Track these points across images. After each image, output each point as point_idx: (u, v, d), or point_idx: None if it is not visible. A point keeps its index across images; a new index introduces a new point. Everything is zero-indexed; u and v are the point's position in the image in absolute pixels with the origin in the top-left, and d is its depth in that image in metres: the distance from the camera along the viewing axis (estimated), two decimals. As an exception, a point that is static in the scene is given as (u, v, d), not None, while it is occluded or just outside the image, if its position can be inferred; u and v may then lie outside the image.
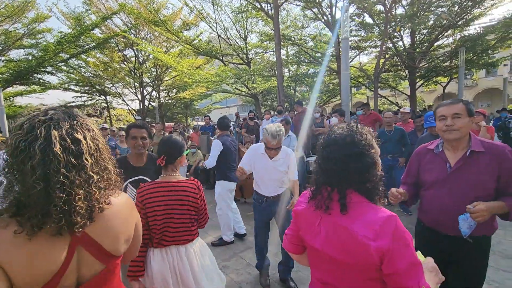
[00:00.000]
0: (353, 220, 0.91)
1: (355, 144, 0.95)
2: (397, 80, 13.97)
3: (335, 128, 1.03)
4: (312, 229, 1.02)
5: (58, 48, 9.87)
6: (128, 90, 16.82)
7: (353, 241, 0.88)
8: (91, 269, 0.84)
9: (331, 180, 0.98)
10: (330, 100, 17.03)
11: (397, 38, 11.75)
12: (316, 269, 1.08)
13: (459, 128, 1.48)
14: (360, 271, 0.91)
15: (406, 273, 0.85)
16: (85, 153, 0.79)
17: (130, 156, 2.17)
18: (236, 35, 12.58)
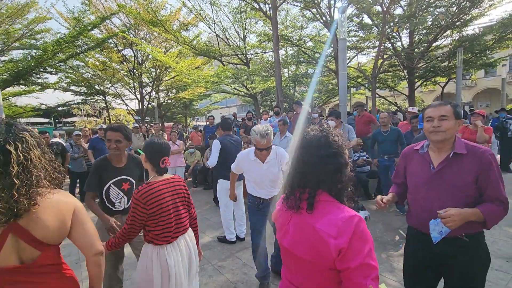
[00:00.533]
0: (319, 218, 0.93)
1: (329, 145, 0.97)
2: (395, 80, 13.97)
3: (309, 129, 1.04)
4: (283, 229, 1.05)
5: (57, 48, 9.88)
6: (127, 90, 16.85)
7: (316, 238, 0.91)
8: (28, 253, 1.01)
9: (304, 181, 0.99)
10: (329, 100, 17.05)
11: (395, 39, 11.76)
12: (286, 268, 1.10)
13: (445, 130, 1.48)
14: (321, 269, 0.93)
15: (357, 270, 0.87)
16: (12, 162, 0.93)
17: (110, 156, 2.24)
18: (235, 35, 12.59)
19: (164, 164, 1.76)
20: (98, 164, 2.22)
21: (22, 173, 0.96)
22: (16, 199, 0.93)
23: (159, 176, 1.77)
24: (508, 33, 9.73)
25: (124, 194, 2.26)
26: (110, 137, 2.15)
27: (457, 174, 1.47)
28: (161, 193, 1.69)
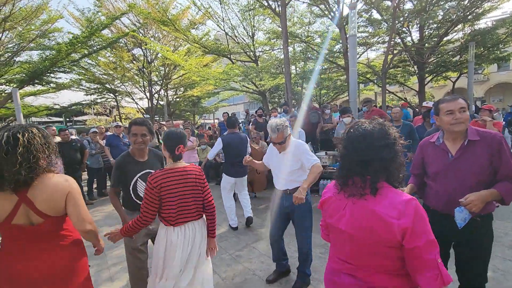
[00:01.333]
0: (378, 202, 1.03)
1: (388, 135, 1.07)
2: (405, 76, 13.83)
3: (362, 121, 1.13)
4: (338, 213, 1.14)
5: (70, 48, 10.12)
6: (137, 89, 17.14)
7: (378, 221, 1.00)
8: (35, 219, 1.39)
9: (363, 170, 1.07)
10: (338, 96, 16.99)
11: (405, 34, 11.65)
12: (337, 249, 1.21)
13: (465, 121, 1.62)
14: (379, 248, 1.02)
15: (426, 247, 0.97)
16: (19, 145, 1.33)
17: (133, 151, 2.28)
18: (244, 33, 12.65)
19: (179, 151, 1.87)
20: (120, 160, 2.26)
21: (25, 153, 1.34)
22: (18, 170, 1.31)
23: (175, 164, 1.89)
24: (521, 26, 9.55)
25: None
26: (136, 131, 2.17)
27: (472, 159, 1.62)
28: (171, 179, 1.82)
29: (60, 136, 5.53)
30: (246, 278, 2.84)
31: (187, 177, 1.88)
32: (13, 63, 11.52)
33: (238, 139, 4.11)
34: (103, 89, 16.14)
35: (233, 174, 4.08)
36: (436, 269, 0.96)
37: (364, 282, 1.08)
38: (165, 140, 1.92)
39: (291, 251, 3.19)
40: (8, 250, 1.41)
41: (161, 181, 1.78)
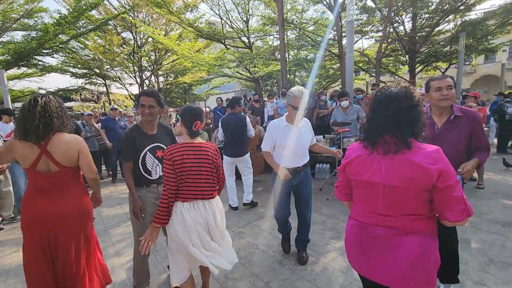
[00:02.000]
0: (414, 154, 1.16)
1: (412, 97, 1.20)
2: (397, 65, 14.05)
3: (389, 85, 1.28)
4: (371, 169, 1.25)
5: (58, 29, 9.75)
6: (127, 74, 16.72)
7: (419, 169, 1.13)
8: (52, 167, 1.77)
9: (387, 129, 1.21)
10: (330, 85, 17.11)
11: (398, 23, 11.77)
12: (366, 204, 1.31)
13: (451, 97, 1.85)
14: (416, 192, 1.16)
15: (455, 186, 1.12)
16: (38, 105, 1.71)
17: (142, 123, 2.21)
18: (238, 17, 12.46)
19: (196, 127, 1.85)
20: (129, 133, 2.19)
21: (42, 111, 1.71)
22: (37, 124, 1.68)
23: (191, 139, 1.86)
24: (510, 18, 9.81)
25: (159, 161, 2.24)
26: (144, 102, 2.10)
27: (455, 132, 1.87)
28: (186, 154, 1.78)
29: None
30: (251, 251, 2.96)
31: (202, 153, 1.84)
32: (-4, 44, 11.04)
33: (236, 119, 4.16)
34: (92, 73, 15.68)
35: (230, 154, 4.16)
36: (463, 204, 1.12)
37: (400, 229, 1.21)
38: (182, 115, 1.89)
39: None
40: (33, 193, 1.80)
41: (175, 155, 1.75)
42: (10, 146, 1.78)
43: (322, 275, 2.49)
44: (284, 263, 2.72)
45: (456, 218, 1.13)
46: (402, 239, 1.19)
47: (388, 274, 1.22)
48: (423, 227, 1.20)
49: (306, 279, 2.44)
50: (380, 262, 1.24)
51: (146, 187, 2.23)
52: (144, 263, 2.33)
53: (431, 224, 1.21)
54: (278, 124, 2.56)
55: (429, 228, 1.21)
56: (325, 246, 3.00)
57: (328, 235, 3.27)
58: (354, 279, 2.38)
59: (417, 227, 1.19)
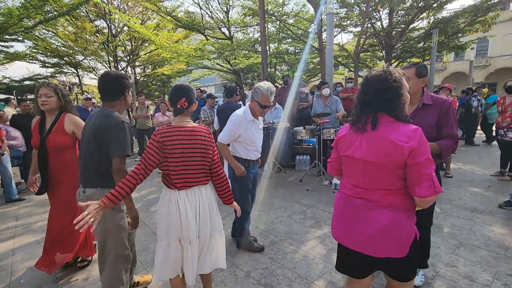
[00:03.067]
0: (390, 132, 1.24)
1: (386, 80, 1.26)
2: (374, 60, 14.42)
3: (373, 70, 1.35)
4: (353, 146, 1.34)
5: (23, 13, 9.03)
6: (101, 64, 15.90)
7: (392, 145, 1.21)
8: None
9: (367, 109, 1.31)
10: (310, 80, 17.27)
11: (376, 19, 12.04)
12: (349, 177, 1.41)
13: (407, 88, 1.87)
14: (389, 169, 1.23)
15: (424, 163, 1.17)
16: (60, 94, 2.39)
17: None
18: (218, 8, 12.18)
19: (181, 104, 1.70)
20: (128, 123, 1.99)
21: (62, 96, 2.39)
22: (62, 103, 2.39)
23: (183, 122, 1.71)
24: (479, 16, 10.31)
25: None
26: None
27: (424, 119, 1.89)
28: (178, 139, 1.64)
29: (21, 108, 5.05)
30: (231, 242, 2.92)
31: (194, 137, 1.69)
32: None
33: (232, 108, 4.11)
34: (63, 63, 14.76)
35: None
36: (430, 181, 1.17)
37: (373, 201, 1.29)
38: (169, 93, 1.76)
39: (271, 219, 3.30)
40: None
41: (165, 138, 1.61)
42: None
43: (302, 263, 2.51)
44: (265, 252, 2.71)
45: (423, 193, 1.17)
46: (375, 211, 1.28)
47: (360, 240, 1.32)
48: (395, 202, 1.26)
49: (286, 267, 2.44)
50: (355, 229, 1.34)
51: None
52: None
53: (404, 199, 1.27)
54: (243, 118, 2.50)
55: (401, 203, 1.27)
56: (305, 235, 3.03)
57: (308, 224, 3.30)
58: (333, 265, 2.42)
59: (389, 201, 1.26)
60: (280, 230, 3.16)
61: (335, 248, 2.69)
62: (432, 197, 1.18)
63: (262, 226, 3.30)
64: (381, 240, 1.27)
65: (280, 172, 5.63)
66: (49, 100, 2.31)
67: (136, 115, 7.23)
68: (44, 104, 2.31)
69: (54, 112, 2.38)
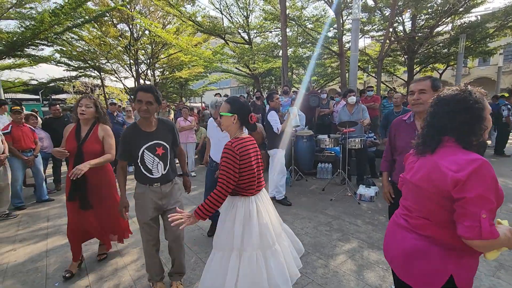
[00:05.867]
0: (443, 157, 1.12)
1: (465, 100, 1.10)
2: (395, 65, 14.09)
3: (447, 89, 1.21)
4: (410, 167, 1.30)
5: (54, 19, 9.42)
6: (122, 67, 16.37)
7: (436, 171, 1.10)
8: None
9: (433, 132, 1.18)
10: (327, 84, 17.07)
11: (398, 23, 11.77)
12: (403, 198, 1.36)
13: (423, 102, 1.77)
14: (434, 196, 1.13)
15: (473, 201, 0.99)
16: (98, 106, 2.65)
17: (140, 122, 2.13)
18: (238, 12, 12.29)
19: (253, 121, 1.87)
20: (126, 131, 2.12)
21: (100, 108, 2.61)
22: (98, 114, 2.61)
23: (241, 133, 1.83)
24: (509, 21, 9.88)
25: (159, 159, 2.14)
26: (141, 98, 1.99)
27: None
28: (248, 147, 1.77)
29: (51, 111, 5.25)
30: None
31: (255, 146, 1.87)
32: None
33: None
34: (87, 66, 15.31)
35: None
36: (476, 222, 0.98)
37: (413, 226, 1.23)
38: (237, 110, 1.84)
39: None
40: None
41: (241, 149, 1.71)
42: None
43: (333, 279, 2.44)
44: (293, 265, 2.66)
45: (463, 233, 1.01)
46: (407, 233, 1.24)
47: (393, 260, 1.32)
48: (435, 234, 1.15)
49: (317, 283, 2.39)
50: (391, 248, 1.33)
51: (149, 186, 2.15)
52: (153, 257, 2.29)
53: (449, 234, 1.11)
54: (212, 122, 3.10)
55: (442, 237, 1.13)
56: (333, 249, 2.96)
57: (335, 236, 3.23)
58: (366, 284, 2.34)
59: (427, 232, 1.17)
60: (307, 242, 3.10)
61: (365, 265, 2.62)
62: (477, 242, 0.99)
63: (287, 237, 3.25)
64: (404, 265, 1.23)
65: (301, 179, 5.57)
66: (88, 111, 2.49)
67: (158, 118, 7.36)
68: (83, 114, 2.48)
69: (89, 122, 2.56)
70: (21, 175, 4.43)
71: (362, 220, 3.66)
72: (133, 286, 2.42)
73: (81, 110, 2.47)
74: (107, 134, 2.58)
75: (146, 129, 2.11)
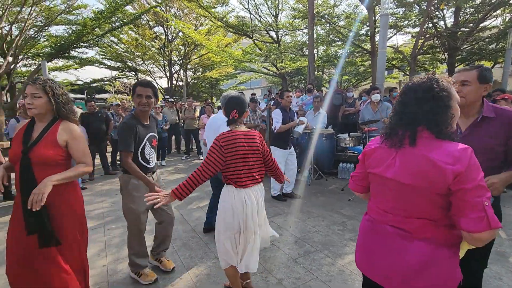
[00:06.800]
0: (430, 150, 1.03)
1: (431, 88, 1.05)
2: (434, 63, 13.16)
3: (414, 78, 1.14)
4: (385, 163, 1.15)
5: (95, 23, 10.23)
6: (157, 68, 17.29)
7: (432, 166, 1.00)
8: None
9: (405, 121, 1.10)
10: (359, 83, 16.46)
11: (438, 18, 10.98)
12: (379, 200, 1.21)
13: (464, 95, 1.49)
14: (427, 193, 1.03)
15: (473, 191, 0.94)
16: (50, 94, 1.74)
17: (137, 114, 2.22)
18: (267, 12, 12.35)
19: (232, 116, 1.90)
20: (130, 122, 2.15)
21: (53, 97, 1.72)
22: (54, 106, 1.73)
23: (237, 127, 1.91)
24: None
25: (154, 150, 2.34)
26: (141, 92, 2.12)
27: (484, 137, 1.48)
28: (237, 141, 1.82)
29: (87, 107, 5.71)
30: (265, 247, 2.88)
31: (250, 140, 1.89)
32: (40, 38, 11.87)
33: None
34: (125, 66, 16.39)
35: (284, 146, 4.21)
36: (481, 211, 0.93)
37: (408, 232, 1.09)
38: (224, 104, 1.97)
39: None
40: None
41: (226, 142, 1.80)
42: None
43: (338, 277, 2.37)
44: (299, 261, 2.63)
45: (471, 227, 0.94)
46: (409, 243, 1.08)
47: (390, 277, 1.12)
48: (436, 235, 1.05)
49: (320, 280, 2.34)
50: (383, 263, 1.15)
51: (147, 175, 2.24)
52: (143, 245, 2.37)
53: (447, 233, 1.05)
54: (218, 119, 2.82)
55: (443, 237, 1.05)
56: (343, 248, 2.87)
57: (347, 236, 3.12)
58: (372, 285, 2.24)
59: (427, 233, 1.05)
60: (317, 240, 3.04)
61: (376, 266, 2.50)
62: (486, 233, 0.93)
63: (298, 233, 3.22)
64: (414, 279, 1.06)
65: (321, 179, 5.45)
66: (36, 103, 1.69)
67: (184, 116, 7.66)
68: (30, 108, 1.70)
69: (44, 117, 1.76)
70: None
71: (380, 222, 3.49)
72: (143, 269, 2.55)
73: (27, 103, 1.69)
74: (73, 136, 1.76)
75: (144, 121, 2.25)
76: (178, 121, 8.01)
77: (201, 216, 3.76)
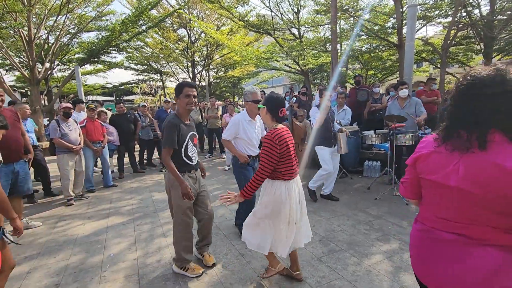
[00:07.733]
0: (506, 157, 0.89)
1: (502, 83, 0.91)
2: (469, 54, 12.32)
3: (477, 68, 1.00)
4: (445, 169, 1.03)
5: (123, 28, 10.69)
6: (180, 69, 17.75)
7: (497, 171, 0.89)
8: None
9: (469, 122, 0.97)
10: (386, 78, 15.82)
11: (472, 6, 10.26)
12: (436, 208, 1.10)
13: None
14: (495, 203, 0.92)
15: None
16: None
17: (180, 113, 2.36)
18: (289, 9, 12.21)
19: (282, 113, 2.07)
20: (174, 121, 2.27)
21: None
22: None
23: (277, 124, 2.09)
24: None
25: (196, 148, 2.48)
26: (189, 93, 2.26)
27: None
28: (284, 136, 2.00)
29: (116, 109, 6.01)
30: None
31: (289, 135, 2.09)
32: (73, 44, 12.65)
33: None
34: (150, 69, 17.01)
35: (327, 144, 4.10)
36: None
37: (472, 238, 0.99)
38: (268, 104, 2.07)
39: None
40: None
41: (279, 137, 1.95)
42: None
43: (364, 277, 2.32)
44: (324, 260, 2.60)
45: None
46: (474, 249, 0.97)
47: (448, 282, 1.03)
48: (503, 241, 0.94)
49: (346, 280, 2.30)
50: (443, 272, 1.05)
51: (187, 173, 2.37)
52: (190, 240, 2.47)
53: (507, 238, 0.93)
54: (242, 118, 2.92)
55: (507, 241, 0.94)
56: (369, 248, 2.79)
57: (374, 236, 3.04)
58: (401, 286, 2.17)
59: (494, 239, 0.95)
60: (342, 239, 2.99)
61: (404, 267, 2.42)
62: None
63: (322, 232, 3.18)
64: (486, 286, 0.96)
65: (345, 177, 5.33)
66: None
67: (207, 115, 7.81)
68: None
69: None
70: (92, 163, 5.17)
71: (409, 221, 3.36)
72: (171, 263, 2.65)
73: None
74: None
75: (186, 120, 2.38)
76: (201, 121, 8.18)
77: (225, 213, 3.83)
